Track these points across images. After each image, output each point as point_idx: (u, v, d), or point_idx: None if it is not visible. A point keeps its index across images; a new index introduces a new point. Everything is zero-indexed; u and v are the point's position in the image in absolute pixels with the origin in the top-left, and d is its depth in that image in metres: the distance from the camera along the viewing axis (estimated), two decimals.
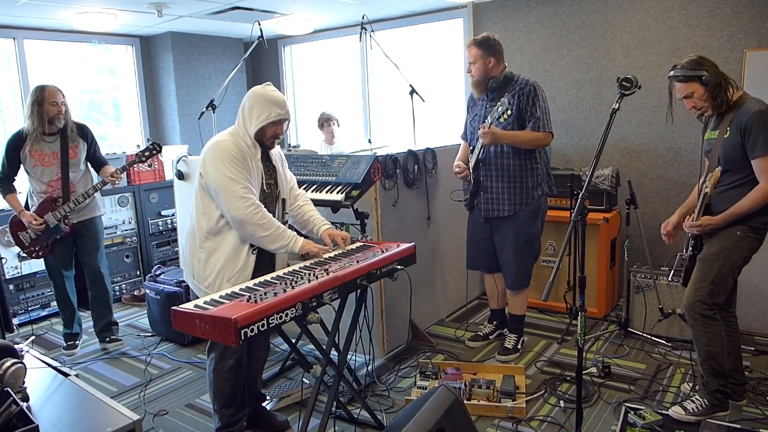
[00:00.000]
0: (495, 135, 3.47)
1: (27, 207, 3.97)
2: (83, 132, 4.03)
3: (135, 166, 4.32)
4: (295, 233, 2.74)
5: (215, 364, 2.77)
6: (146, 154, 3.96)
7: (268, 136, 2.74)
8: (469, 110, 3.90)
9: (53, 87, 3.83)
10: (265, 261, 2.83)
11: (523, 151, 3.60)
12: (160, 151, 4.01)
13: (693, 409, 2.96)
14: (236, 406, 2.84)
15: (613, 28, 4.75)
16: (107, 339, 4.29)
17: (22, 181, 4.00)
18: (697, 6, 4.37)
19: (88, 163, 4.10)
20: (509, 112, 3.48)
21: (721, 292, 2.91)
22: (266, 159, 2.85)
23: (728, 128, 2.82)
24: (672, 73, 2.89)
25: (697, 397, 3.01)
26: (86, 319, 4.51)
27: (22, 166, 3.91)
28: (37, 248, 3.95)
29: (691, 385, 3.32)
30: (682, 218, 3.08)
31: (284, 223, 2.85)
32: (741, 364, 3.10)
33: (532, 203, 3.66)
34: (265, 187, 2.80)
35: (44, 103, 3.77)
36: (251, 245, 2.72)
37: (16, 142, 3.84)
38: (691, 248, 3.07)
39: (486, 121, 3.47)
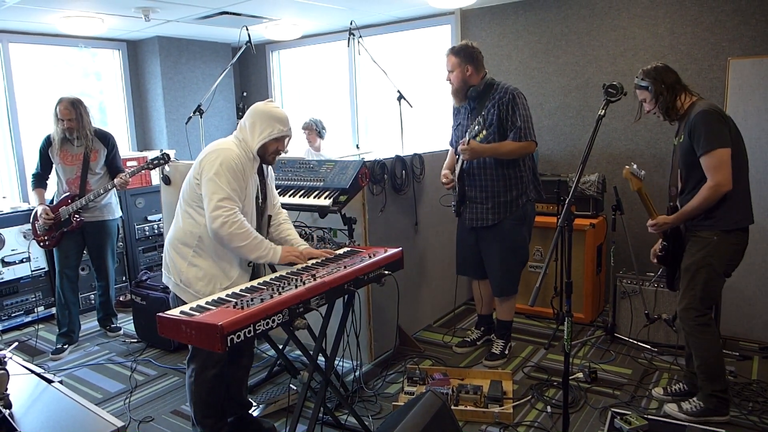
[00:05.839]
0: (474, 150, 3.48)
1: (52, 201, 4.30)
2: (105, 139, 4.33)
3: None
4: (273, 244, 2.72)
5: (196, 374, 2.73)
6: (155, 162, 4.12)
7: (270, 152, 2.76)
8: (454, 118, 3.91)
9: (66, 103, 4.10)
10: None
11: (506, 161, 3.60)
12: (168, 162, 4.15)
13: (688, 409, 3.02)
14: (218, 416, 2.82)
15: (600, 35, 4.80)
16: (107, 327, 4.67)
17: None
18: (681, 14, 4.42)
19: (107, 168, 4.35)
20: (484, 132, 3.49)
21: (713, 297, 2.98)
22: (259, 173, 2.85)
23: (683, 133, 2.94)
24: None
25: (695, 398, 3.07)
26: (85, 321, 4.75)
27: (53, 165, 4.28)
28: (46, 238, 4.23)
29: (663, 389, 3.34)
30: None
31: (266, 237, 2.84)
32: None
33: (517, 211, 3.67)
34: (259, 201, 2.81)
35: (57, 116, 4.11)
36: None
37: (45, 144, 4.23)
38: (661, 249, 3.17)
39: (465, 135, 3.48)
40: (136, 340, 4.47)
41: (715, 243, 2.89)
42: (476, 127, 3.41)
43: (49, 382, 1.88)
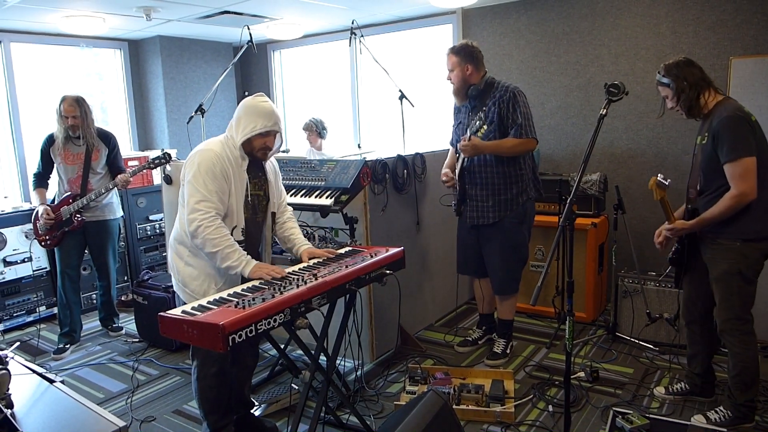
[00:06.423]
0: (476, 147, 3.50)
1: (53, 201, 4.29)
2: (107, 139, 4.34)
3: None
4: (248, 256, 2.63)
5: (198, 371, 2.76)
6: (156, 161, 4.10)
7: (257, 148, 2.70)
8: (455, 117, 3.91)
9: (71, 100, 4.11)
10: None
11: (507, 159, 3.61)
12: (169, 161, 4.12)
13: (716, 419, 2.94)
14: (221, 413, 2.83)
15: (601, 34, 4.79)
16: (109, 326, 4.68)
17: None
18: (683, 13, 4.41)
19: (108, 168, 4.36)
20: (485, 127, 3.49)
21: (750, 302, 2.88)
22: (258, 170, 2.84)
23: (706, 134, 2.84)
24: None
25: (721, 408, 2.98)
26: (87, 321, 4.80)
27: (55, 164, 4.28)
28: (47, 238, 4.23)
29: (665, 388, 3.34)
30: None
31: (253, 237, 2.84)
32: (711, 365, 3.19)
33: (518, 209, 3.67)
34: (250, 199, 2.77)
35: (62, 113, 4.11)
36: None
37: (47, 143, 4.23)
38: (674, 253, 3.11)
39: (466, 133, 3.49)
40: (137, 340, 4.47)
41: (737, 249, 2.80)
42: (477, 123, 3.43)
43: (51, 381, 1.88)
